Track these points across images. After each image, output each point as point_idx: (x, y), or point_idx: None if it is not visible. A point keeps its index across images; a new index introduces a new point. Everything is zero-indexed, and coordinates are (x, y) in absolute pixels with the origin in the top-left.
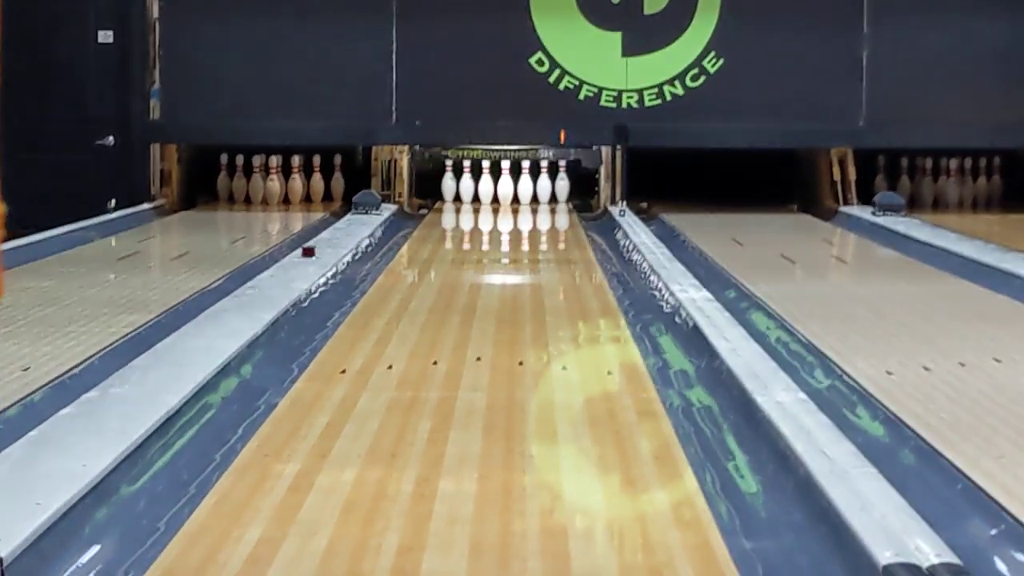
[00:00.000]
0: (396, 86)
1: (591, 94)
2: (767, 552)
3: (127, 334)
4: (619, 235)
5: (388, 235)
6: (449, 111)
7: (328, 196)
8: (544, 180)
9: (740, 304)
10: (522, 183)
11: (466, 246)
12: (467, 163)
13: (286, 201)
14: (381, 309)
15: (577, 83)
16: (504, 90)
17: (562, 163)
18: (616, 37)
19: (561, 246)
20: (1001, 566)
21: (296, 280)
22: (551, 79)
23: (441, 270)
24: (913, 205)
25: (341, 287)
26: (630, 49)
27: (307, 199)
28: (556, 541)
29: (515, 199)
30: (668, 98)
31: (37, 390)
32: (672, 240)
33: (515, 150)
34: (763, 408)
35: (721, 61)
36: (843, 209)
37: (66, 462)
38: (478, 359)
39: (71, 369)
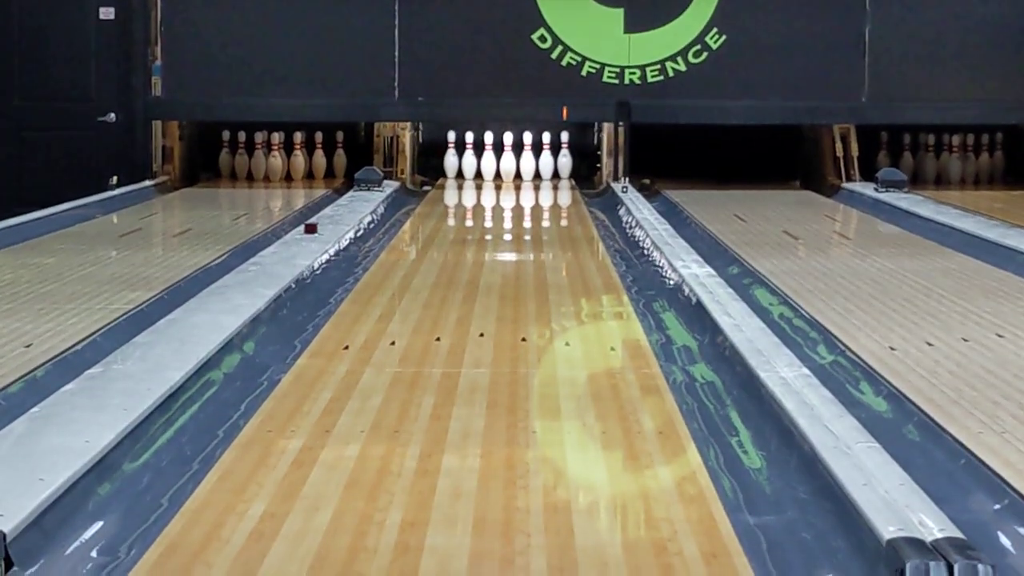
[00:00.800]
0: (399, 63)
1: (593, 70)
2: (771, 527)
3: (129, 311)
4: (621, 211)
5: (390, 212)
6: (452, 88)
7: (330, 173)
8: (546, 156)
9: (743, 280)
10: (524, 160)
11: (468, 223)
12: (469, 139)
13: (288, 178)
14: (383, 285)
15: (579, 59)
16: (506, 66)
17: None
18: (618, 13)
19: (563, 222)
20: (1005, 540)
21: (298, 256)
22: (553, 55)
23: (443, 247)
24: (915, 181)
25: (343, 263)
26: (632, 25)
27: (309, 176)
28: (560, 517)
29: (517, 175)
30: (670, 74)
31: (39, 366)
32: (674, 216)
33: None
34: (766, 383)
35: (723, 37)
36: (845, 185)
37: (69, 438)
38: (481, 335)
39: (73, 345)
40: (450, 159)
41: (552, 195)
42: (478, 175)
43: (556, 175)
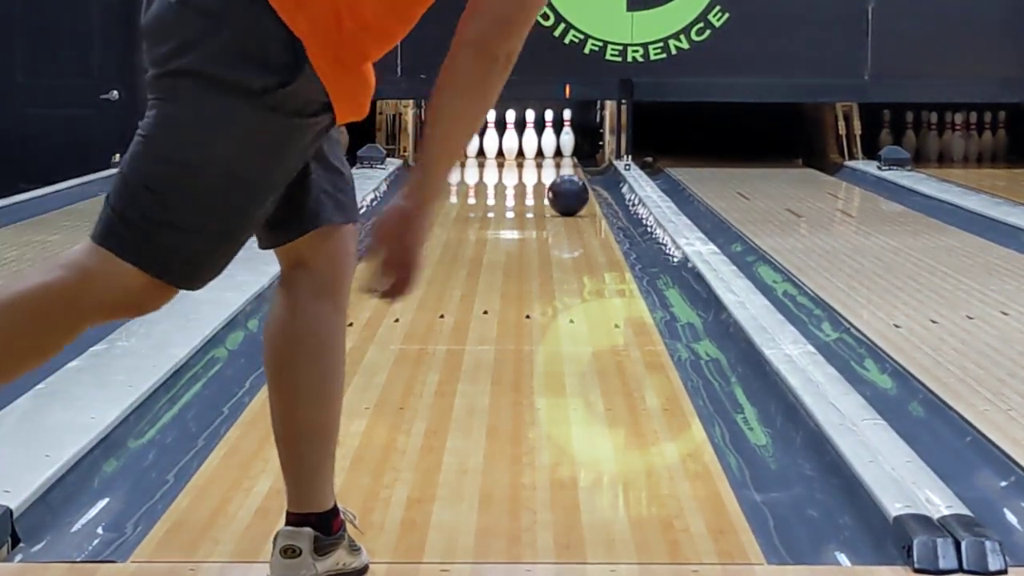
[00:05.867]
0: (401, 40)
1: (596, 48)
2: (777, 504)
3: None
4: (624, 189)
5: (393, 189)
6: None
7: None
8: (549, 134)
9: (746, 258)
10: (527, 137)
11: (471, 200)
12: None
13: None
14: None
15: (582, 37)
16: None
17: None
18: None
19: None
20: (1011, 517)
21: None
22: (556, 33)
23: (447, 224)
24: (918, 159)
25: None
26: (635, 3)
27: None
28: (566, 493)
29: (520, 153)
30: (673, 52)
31: None
32: (678, 194)
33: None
34: (771, 361)
35: (726, 15)
36: (848, 163)
37: (74, 414)
38: (485, 312)
39: None
40: None
41: (555, 173)
42: (480, 153)
43: (559, 153)
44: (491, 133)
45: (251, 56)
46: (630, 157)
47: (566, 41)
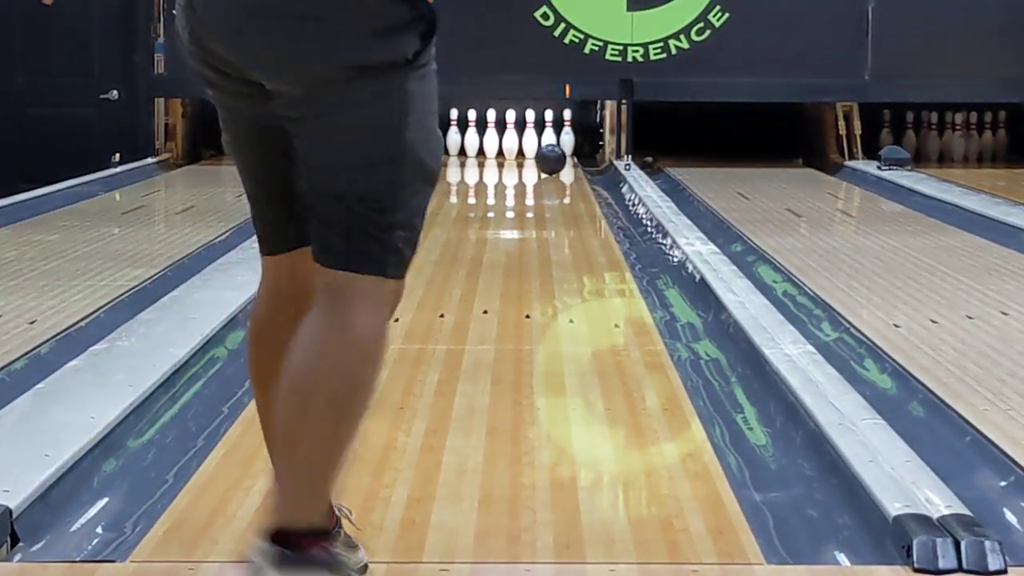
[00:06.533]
0: None
1: (596, 48)
2: (777, 504)
3: (133, 287)
4: (624, 189)
5: None
6: (454, 65)
7: None
8: (549, 134)
9: (746, 257)
10: (527, 137)
11: (471, 200)
12: (472, 116)
13: None
14: None
15: (582, 37)
16: (509, 44)
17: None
18: None
19: (566, 200)
20: (1011, 517)
21: None
22: (556, 33)
23: (447, 224)
24: (918, 159)
25: None
26: (635, 3)
27: None
28: (565, 493)
29: (520, 153)
30: (673, 52)
31: (44, 343)
32: (678, 194)
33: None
34: (771, 361)
35: (726, 15)
36: (848, 163)
37: (74, 414)
38: (485, 312)
39: (78, 322)
40: (452, 136)
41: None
42: (480, 152)
43: None
44: (491, 133)
45: (394, 28)
46: (630, 157)
47: (566, 41)
